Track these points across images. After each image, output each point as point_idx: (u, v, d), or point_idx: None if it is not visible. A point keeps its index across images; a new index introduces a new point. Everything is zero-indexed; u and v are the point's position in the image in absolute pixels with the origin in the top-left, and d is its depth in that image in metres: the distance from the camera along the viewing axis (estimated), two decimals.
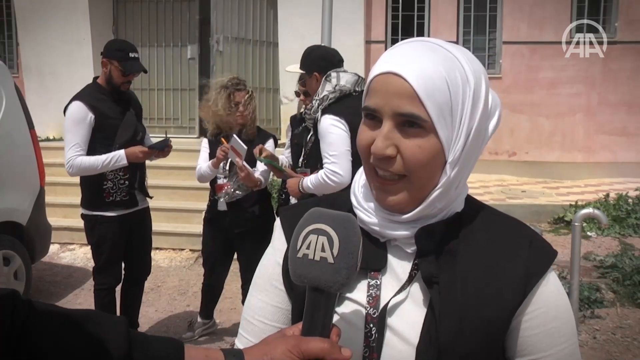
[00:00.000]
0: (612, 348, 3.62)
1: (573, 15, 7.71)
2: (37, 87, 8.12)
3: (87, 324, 0.73)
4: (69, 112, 3.18)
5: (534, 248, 0.87)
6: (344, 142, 2.72)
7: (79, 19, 7.93)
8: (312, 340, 0.73)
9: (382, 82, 0.82)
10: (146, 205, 3.49)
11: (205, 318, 3.81)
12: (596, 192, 6.95)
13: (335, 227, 0.74)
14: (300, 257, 0.74)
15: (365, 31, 7.75)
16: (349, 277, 0.74)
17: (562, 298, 0.88)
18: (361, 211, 0.90)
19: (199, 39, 8.35)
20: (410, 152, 0.81)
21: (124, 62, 3.20)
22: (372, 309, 0.85)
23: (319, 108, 2.82)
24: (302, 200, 0.89)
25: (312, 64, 3.01)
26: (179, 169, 6.28)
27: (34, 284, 4.41)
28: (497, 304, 0.83)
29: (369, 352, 0.84)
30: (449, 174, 0.83)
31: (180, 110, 8.42)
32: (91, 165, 3.15)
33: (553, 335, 0.86)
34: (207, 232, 3.61)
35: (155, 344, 0.75)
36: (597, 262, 4.96)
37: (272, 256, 0.98)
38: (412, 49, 0.83)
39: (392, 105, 0.81)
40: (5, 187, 3.97)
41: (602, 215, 3.73)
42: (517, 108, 7.87)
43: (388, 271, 0.88)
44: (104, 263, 3.32)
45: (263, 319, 0.94)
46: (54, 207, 5.74)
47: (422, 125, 0.80)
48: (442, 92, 0.80)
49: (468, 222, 0.89)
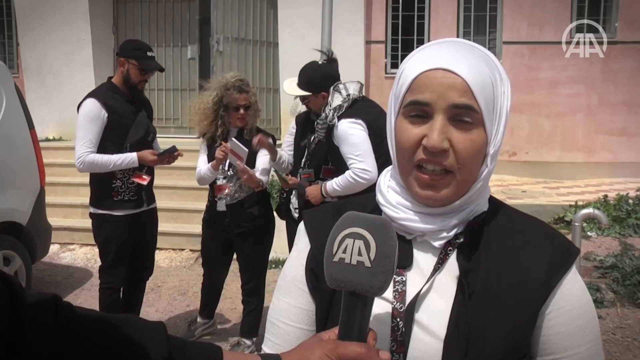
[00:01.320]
0: (612, 348, 3.61)
1: (573, 15, 7.70)
2: (37, 87, 8.11)
3: (126, 329, 0.72)
4: (83, 109, 3.20)
5: (556, 245, 0.89)
6: (366, 141, 2.91)
7: (79, 19, 7.93)
8: (349, 344, 0.73)
9: (432, 77, 0.84)
10: (154, 206, 3.51)
11: (206, 318, 3.81)
12: (596, 192, 6.95)
13: (371, 230, 0.74)
14: (337, 262, 0.74)
15: (365, 31, 7.75)
16: (386, 281, 0.73)
17: (586, 296, 0.89)
18: (389, 208, 0.91)
19: (199, 39, 8.35)
20: (463, 145, 0.84)
21: (142, 61, 3.25)
22: (399, 304, 0.86)
23: (334, 116, 2.95)
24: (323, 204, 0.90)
25: (320, 85, 3.09)
26: (179, 169, 6.27)
27: (34, 284, 4.41)
28: (523, 299, 0.85)
29: (396, 346, 0.84)
30: (489, 166, 0.87)
31: (180, 110, 8.41)
32: (103, 163, 3.18)
33: (577, 334, 0.86)
34: (206, 232, 3.61)
35: (193, 349, 0.75)
36: (597, 262, 4.96)
37: (295, 258, 0.98)
38: (451, 47, 0.87)
39: (447, 98, 0.83)
40: (6, 187, 3.97)
41: (602, 215, 3.73)
42: (517, 108, 7.86)
43: (413, 267, 0.90)
44: (110, 262, 3.32)
45: (287, 320, 0.95)
46: (54, 207, 5.74)
47: (473, 119, 0.84)
48: (488, 87, 0.84)
49: (494, 220, 0.92)
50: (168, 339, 0.73)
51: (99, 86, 3.36)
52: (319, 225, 0.81)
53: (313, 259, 0.93)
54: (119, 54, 3.32)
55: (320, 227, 0.76)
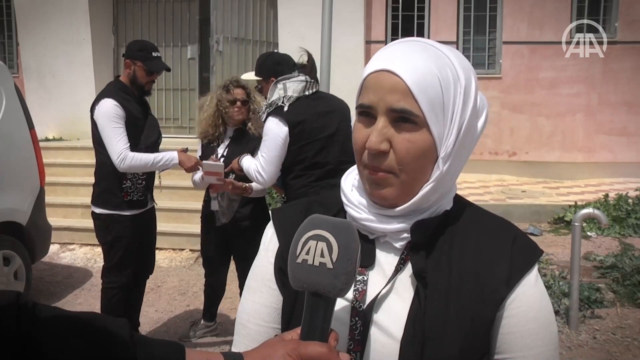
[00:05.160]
0: (612, 348, 3.61)
1: (573, 15, 7.71)
2: (37, 87, 8.12)
3: (91, 327, 0.73)
4: (104, 109, 3.14)
5: (518, 245, 0.89)
6: (277, 148, 2.87)
7: (79, 19, 7.93)
8: (310, 344, 0.74)
9: (375, 80, 0.84)
10: (153, 205, 3.52)
11: (209, 320, 3.81)
12: (596, 192, 6.95)
13: (334, 233, 0.75)
14: (300, 263, 0.75)
15: (365, 31, 7.75)
16: (348, 282, 0.75)
17: (544, 300, 0.89)
18: (351, 208, 0.91)
19: (199, 39, 8.36)
20: (402, 146, 0.83)
21: (148, 62, 3.24)
22: (359, 303, 0.86)
23: (265, 112, 2.94)
24: (293, 201, 0.90)
25: (269, 70, 3.07)
26: (179, 169, 6.27)
27: (34, 284, 4.41)
28: (482, 300, 0.85)
29: (353, 345, 0.85)
30: (442, 168, 0.85)
31: (180, 110, 8.43)
32: (144, 161, 3.17)
33: (530, 337, 0.86)
34: (204, 231, 3.62)
35: (157, 347, 0.75)
36: (597, 262, 4.96)
37: (264, 257, 0.98)
38: (404, 47, 0.86)
39: (386, 101, 0.83)
40: (5, 187, 3.97)
41: (602, 215, 3.74)
42: (517, 108, 7.87)
43: (375, 267, 0.90)
44: (116, 262, 3.32)
45: (259, 321, 0.95)
46: (54, 207, 5.74)
47: (415, 121, 0.83)
48: (434, 88, 0.82)
49: (456, 220, 0.91)
50: (132, 337, 0.73)
51: (109, 85, 3.31)
52: (287, 223, 0.82)
53: (281, 257, 0.92)
54: (125, 55, 3.31)
55: (289, 225, 0.77)
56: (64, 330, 0.71)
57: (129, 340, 0.73)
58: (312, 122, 2.88)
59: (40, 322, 0.70)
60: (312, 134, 2.89)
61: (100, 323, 0.74)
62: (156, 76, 3.34)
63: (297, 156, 2.90)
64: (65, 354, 0.69)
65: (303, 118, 2.87)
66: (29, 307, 0.71)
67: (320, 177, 2.91)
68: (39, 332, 0.69)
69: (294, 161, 2.91)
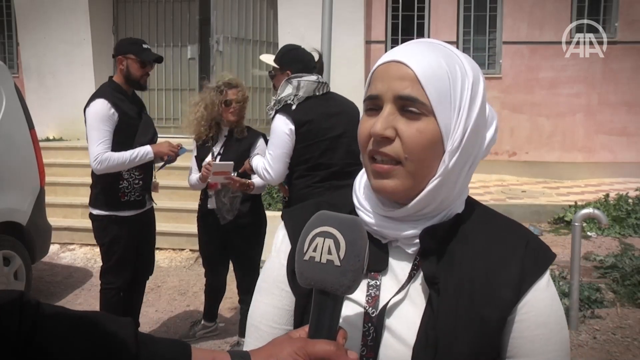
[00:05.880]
0: (612, 348, 3.61)
1: (573, 15, 7.71)
2: (37, 87, 8.12)
3: (95, 326, 0.72)
4: (93, 110, 3.14)
5: (531, 249, 0.88)
6: (282, 146, 2.87)
7: (79, 19, 7.93)
8: (318, 342, 0.73)
9: (384, 70, 0.86)
10: (152, 205, 3.52)
11: (209, 321, 3.81)
12: (596, 192, 6.95)
13: (342, 230, 0.74)
14: (307, 260, 0.74)
15: (365, 31, 7.75)
16: (355, 279, 0.74)
17: (556, 306, 0.88)
18: (363, 212, 0.90)
19: (199, 39, 8.36)
20: (408, 134, 0.82)
21: (140, 54, 3.24)
22: (371, 309, 0.85)
23: (273, 108, 2.92)
24: (303, 202, 0.89)
25: (289, 62, 3.01)
26: (179, 169, 6.25)
27: (34, 284, 4.41)
28: (494, 304, 0.84)
29: (366, 351, 0.84)
30: (447, 163, 0.84)
31: (180, 110, 8.40)
32: (119, 160, 3.14)
33: (539, 342, 0.85)
34: (202, 230, 3.62)
35: (162, 346, 0.75)
36: (597, 262, 4.96)
37: (276, 258, 0.97)
38: (413, 44, 0.88)
39: (393, 89, 0.83)
40: (5, 187, 3.97)
41: (602, 215, 3.74)
42: (517, 108, 7.87)
43: (388, 272, 0.89)
44: (114, 263, 3.31)
45: (272, 322, 0.94)
46: (54, 207, 5.74)
47: (422, 110, 0.82)
48: (442, 80, 0.83)
49: (468, 224, 0.90)
50: (137, 336, 0.73)
51: (103, 86, 3.31)
52: (299, 225, 0.81)
53: (293, 259, 0.90)
54: (115, 54, 3.29)
55: (301, 227, 0.77)
56: (68, 329, 0.71)
57: (134, 339, 0.73)
58: (319, 122, 2.87)
59: (44, 321, 0.70)
60: (318, 134, 2.87)
61: (105, 322, 0.74)
62: (150, 69, 3.30)
63: (302, 156, 2.88)
64: (70, 352, 0.69)
65: (310, 118, 2.86)
66: (32, 305, 0.71)
67: (325, 178, 2.89)
68: (43, 331, 0.69)
69: (298, 160, 2.90)
